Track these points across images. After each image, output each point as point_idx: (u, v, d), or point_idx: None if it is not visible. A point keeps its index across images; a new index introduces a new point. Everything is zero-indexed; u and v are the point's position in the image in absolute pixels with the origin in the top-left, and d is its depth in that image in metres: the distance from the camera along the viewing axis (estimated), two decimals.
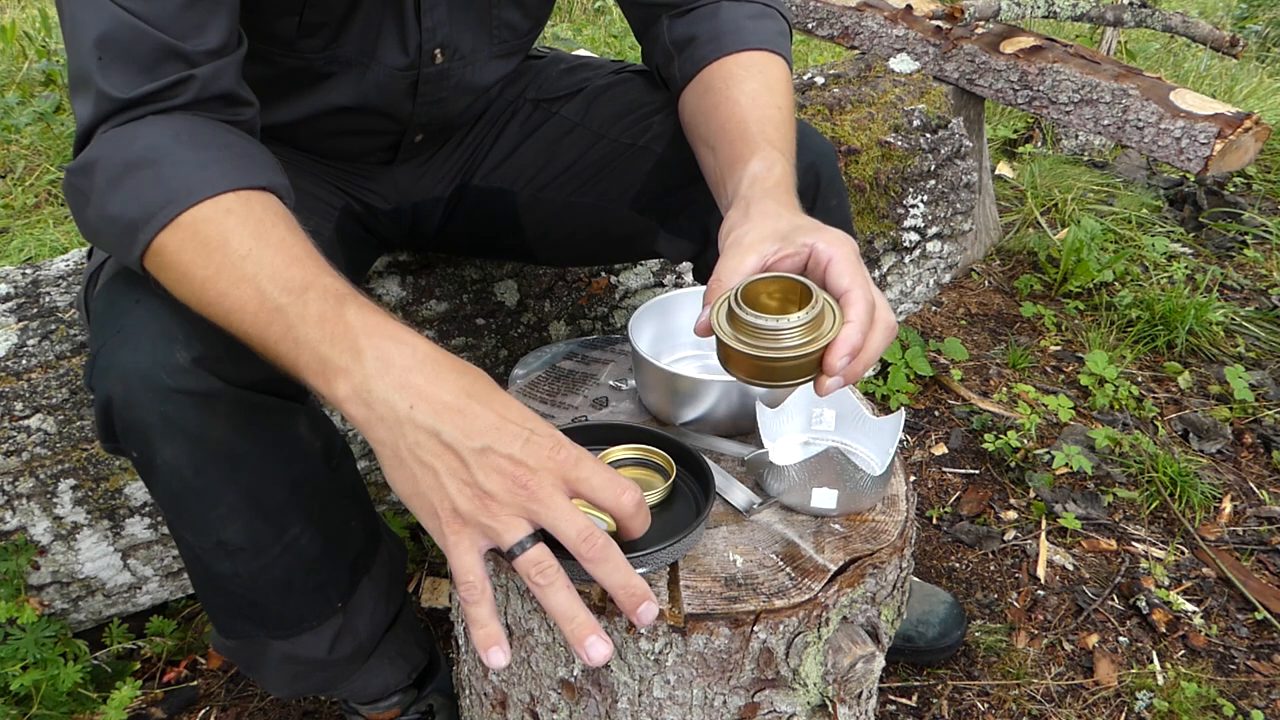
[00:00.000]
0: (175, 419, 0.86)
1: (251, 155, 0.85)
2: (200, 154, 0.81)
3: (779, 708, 0.85)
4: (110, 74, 0.82)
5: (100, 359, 0.87)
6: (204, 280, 0.78)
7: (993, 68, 2.17)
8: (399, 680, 1.19)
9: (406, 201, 1.27)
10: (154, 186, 0.79)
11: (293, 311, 0.74)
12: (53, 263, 1.42)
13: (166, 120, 0.83)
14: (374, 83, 1.08)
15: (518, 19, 1.14)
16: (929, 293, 1.99)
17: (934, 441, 1.95)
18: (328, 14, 1.01)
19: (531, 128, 1.27)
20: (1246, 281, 2.58)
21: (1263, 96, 3.72)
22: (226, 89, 0.86)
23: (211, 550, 0.94)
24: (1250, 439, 2.00)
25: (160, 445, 0.87)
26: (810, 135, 1.15)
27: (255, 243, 0.77)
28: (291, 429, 0.95)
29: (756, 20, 1.09)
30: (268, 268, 0.76)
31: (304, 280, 0.76)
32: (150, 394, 0.85)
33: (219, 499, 0.91)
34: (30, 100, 3.11)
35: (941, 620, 1.46)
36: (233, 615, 1.02)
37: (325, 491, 1.00)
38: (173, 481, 0.90)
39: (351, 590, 1.06)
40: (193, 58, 0.83)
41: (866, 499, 0.91)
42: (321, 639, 1.05)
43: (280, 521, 0.95)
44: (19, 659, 1.23)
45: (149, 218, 0.79)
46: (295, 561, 0.98)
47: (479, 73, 1.15)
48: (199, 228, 0.78)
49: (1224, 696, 1.44)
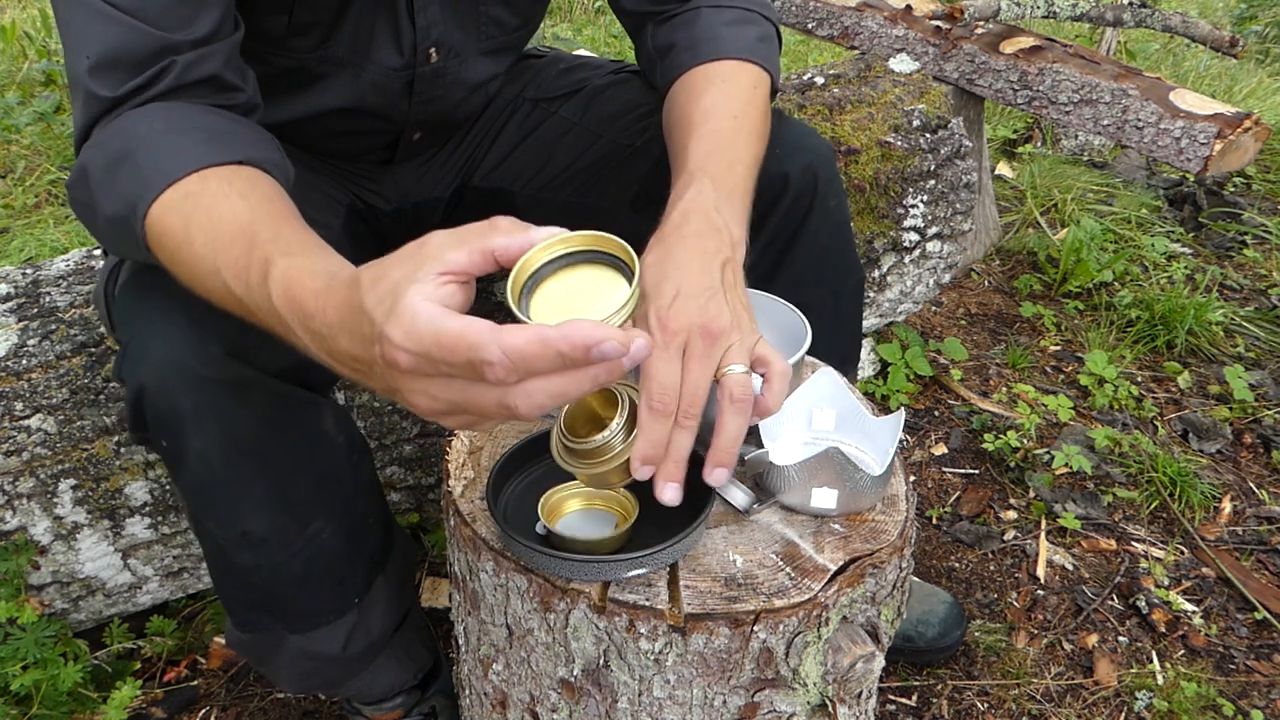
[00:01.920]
0: (208, 408, 0.87)
1: (231, 133, 0.84)
2: (174, 138, 0.81)
3: (779, 708, 0.85)
4: (99, 74, 0.82)
5: (132, 349, 0.87)
6: (189, 275, 0.78)
7: (992, 68, 2.17)
8: (405, 680, 1.20)
9: (407, 202, 1.28)
10: (132, 179, 0.79)
11: (248, 300, 0.73)
12: (53, 263, 1.42)
13: (144, 111, 0.82)
14: (369, 83, 1.08)
15: (506, 16, 1.14)
16: (929, 293, 1.99)
17: (934, 441, 1.95)
18: (318, 13, 1.00)
19: (530, 127, 1.27)
20: (1246, 281, 2.58)
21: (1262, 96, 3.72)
22: (211, 73, 0.85)
23: (235, 541, 0.96)
24: (1250, 439, 2.00)
25: (192, 434, 0.88)
26: (808, 136, 1.15)
27: (210, 227, 0.76)
28: (318, 423, 0.97)
29: (734, 27, 1.08)
30: (222, 254, 0.75)
31: (245, 260, 0.73)
32: (184, 383, 0.86)
33: (247, 490, 0.92)
34: (30, 100, 3.11)
35: (941, 620, 1.46)
36: (250, 608, 1.04)
37: (347, 487, 1.02)
38: (202, 471, 0.90)
39: (367, 587, 1.07)
40: (179, 48, 0.83)
41: (866, 499, 0.91)
42: (337, 634, 1.06)
43: (304, 515, 0.97)
44: (19, 659, 1.23)
45: (133, 211, 0.79)
46: (316, 555, 1.00)
47: (469, 69, 1.15)
48: (165, 220, 0.78)
49: (1224, 696, 1.44)
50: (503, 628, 0.88)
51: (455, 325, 0.58)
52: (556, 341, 0.57)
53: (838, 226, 1.18)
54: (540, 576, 0.82)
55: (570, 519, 0.88)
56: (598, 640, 0.82)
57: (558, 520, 0.87)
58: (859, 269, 1.26)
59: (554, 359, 0.57)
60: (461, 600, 0.94)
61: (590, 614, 0.81)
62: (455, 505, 0.90)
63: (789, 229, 1.14)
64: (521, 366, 0.57)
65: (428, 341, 0.58)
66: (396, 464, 1.47)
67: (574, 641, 0.83)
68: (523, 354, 0.57)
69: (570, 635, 0.82)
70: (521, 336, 0.57)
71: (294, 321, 0.69)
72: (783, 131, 1.11)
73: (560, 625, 0.82)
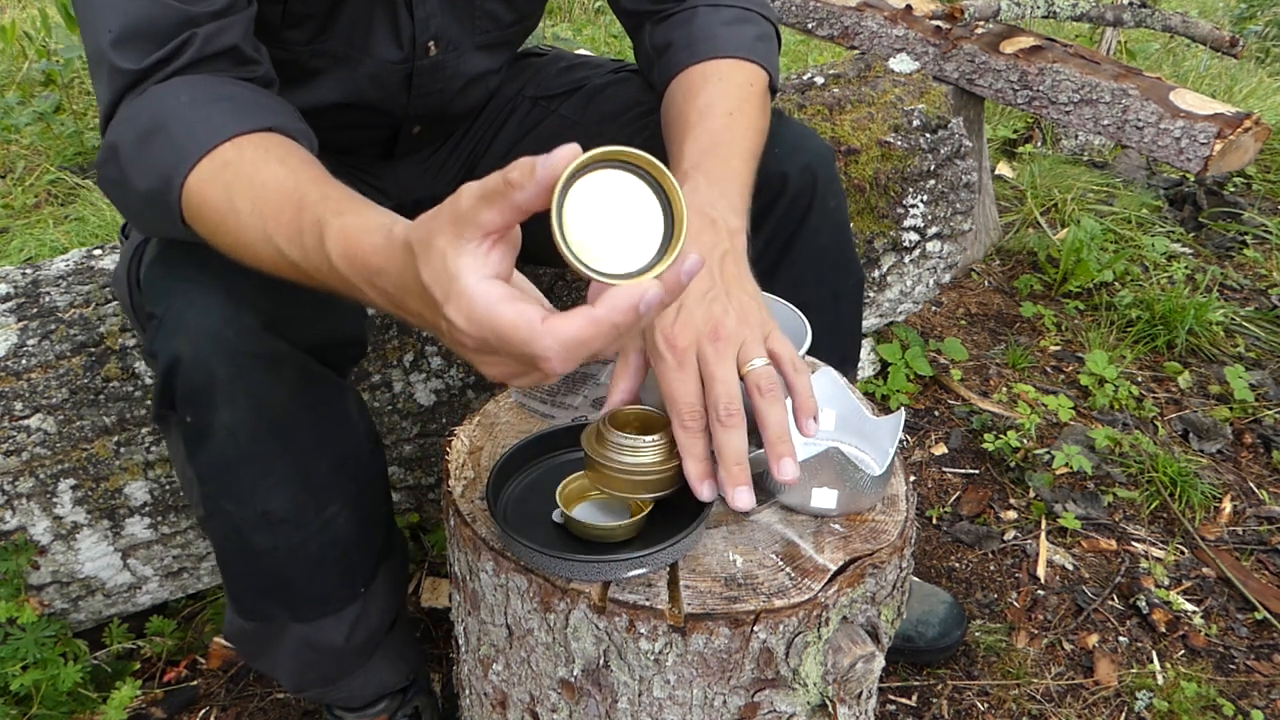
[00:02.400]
0: (241, 380, 0.88)
1: (257, 102, 0.85)
2: (204, 109, 0.81)
3: (779, 708, 0.85)
4: (122, 48, 0.83)
5: (168, 321, 0.88)
6: (235, 244, 0.79)
7: (993, 68, 2.17)
8: (396, 681, 1.20)
9: (408, 199, 1.28)
10: (166, 150, 0.80)
11: (305, 264, 0.74)
12: (53, 263, 1.42)
13: (169, 85, 0.83)
14: (367, 76, 1.08)
15: (501, 11, 1.14)
16: (929, 293, 1.98)
17: (934, 441, 1.95)
18: (313, 4, 1.00)
19: (529, 125, 1.27)
20: (1246, 281, 2.58)
21: (1263, 96, 3.72)
22: (230, 44, 0.86)
23: (253, 521, 0.96)
24: (1250, 439, 2.00)
25: (222, 407, 0.89)
26: (807, 137, 1.15)
27: (254, 194, 0.77)
28: (342, 404, 0.98)
29: (731, 26, 1.08)
30: (271, 220, 0.75)
31: (297, 224, 0.74)
32: (220, 354, 0.87)
33: (271, 467, 0.93)
34: (30, 100, 3.11)
35: (941, 620, 1.46)
36: (258, 594, 1.04)
37: (365, 473, 1.03)
38: (228, 446, 0.91)
39: (373, 577, 1.08)
40: (199, 20, 0.84)
41: (866, 499, 0.91)
42: (341, 624, 1.07)
43: (323, 497, 0.98)
44: (19, 659, 1.23)
45: (168, 184, 0.80)
46: (330, 540, 1.00)
47: (465, 63, 1.15)
48: (205, 191, 0.79)
49: (1224, 696, 1.44)
50: (503, 628, 0.88)
51: (509, 316, 0.61)
52: (606, 320, 0.60)
53: (837, 227, 1.18)
54: (540, 576, 0.82)
55: (586, 507, 0.88)
56: (598, 640, 0.82)
57: (574, 508, 0.88)
58: (859, 269, 1.26)
59: (609, 333, 0.61)
60: (461, 600, 0.94)
61: (590, 614, 0.80)
62: (455, 505, 0.90)
63: (788, 229, 1.14)
64: (577, 352, 0.61)
65: (486, 329, 0.62)
66: (396, 464, 1.47)
67: (574, 641, 0.83)
68: (577, 340, 0.60)
69: (570, 635, 0.82)
70: (573, 325, 0.60)
71: (359, 279, 0.70)
72: (782, 131, 1.11)
73: (560, 625, 0.82)
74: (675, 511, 0.86)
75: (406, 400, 1.43)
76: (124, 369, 1.28)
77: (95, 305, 1.33)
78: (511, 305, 0.61)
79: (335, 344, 0.95)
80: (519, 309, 0.61)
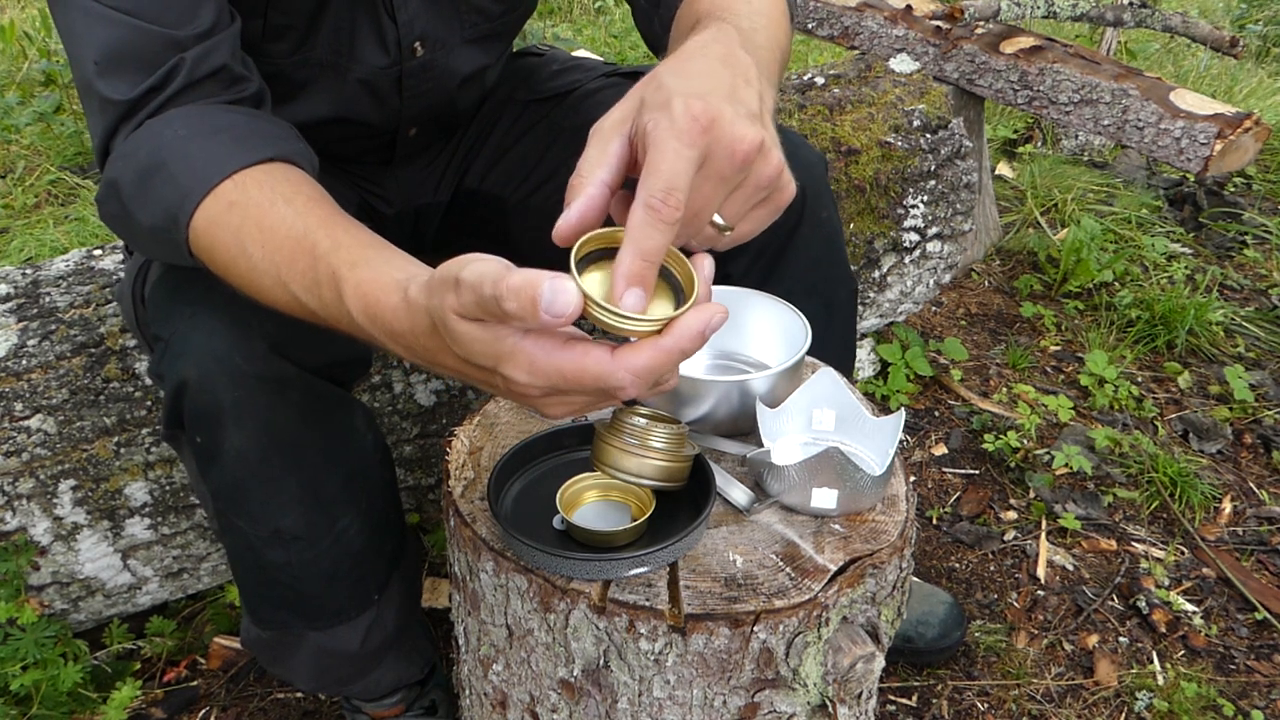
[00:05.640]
0: (248, 404, 0.88)
1: (254, 130, 0.84)
2: (202, 143, 0.81)
3: (779, 708, 0.85)
4: (109, 77, 0.82)
5: (174, 344, 0.88)
6: (247, 285, 0.79)
7: (993, 68, 2.17)
8: (412, 674, 1.21)
9: (409, 206, 1.27)
10: (168, 188, 0.80)
11: (324, 314, 0.74)
12: (53, 263, 1.42)
13: (165, 118, 0.82)
14: (356, 83, 1.07)
15: (488, 3, 1.12)
16: (929, 293, 1.99)
17: (934, 441, 1.95)
18: (293, 16, 0.99)
19: (521, 130, 1.26)
20: (1246, 281, 2.58)
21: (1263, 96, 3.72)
22: (219, 64, 0.85)
23: (267, 539, 0.97)
24: (1250, 439, 2.00)
25: (231, 430, 0.89)
26: (798, 146, 1.13)
27: (263, 240, 0.76)
28: (350, 420, 0.98)
29: None
30: (285, 268, 0.75)
31: (312, 275, 0.74)
32: (226, 378, 0.87)
33: (281, 486, 0.94)
34: (30, 100, 3.11)
35: (941, 620, 1.46)
36: (274, 605, 1.05)
37: (374, 484, 1.04)
38: (238, 468, 0.91)
39: (386, 583, 1.08)
40: (184, 43, 0.83)
41: (866, 499, 0.91)
42: (356, 631, 1.08)
43: (333, 512, 0.98)
44: (19, 659, 1.23)
45: (174, 222, 0.79)
46: (343, 552, 1.01)
47: (456, 60, 1.14)
48: (214, 233, 0.78)
49: (1224, 696, 1.44)
50: (503, 628, 0.88)
51: (574, 359, 0.62)
52: (675, 348, 0.62)
53: (829, 237, 1.17)
54: (540, 576, 0.82)
55: (587, 510, 0.88)
56: (598, 640, 0.82)
57: (574, 512, 0.88)
58: (851, 280, 1.24)
59: (677, 360, 0.63)
60: (461, 600, 0.94)
61: (590, 614, 0.80)
62: (455, 505, 0.90)
63: (778, 240, 1.12)
64: (650, 379, 0.63)
65: (554, 378, 0.62)
66: (397, 465, 1.47)
67: (574, 642, 0.83)
68: (650, 369, 0.62)
69: (570, 635, 0.82)
70: (644, 355, 0.62)
71: (383, 337, 0.70)
72: None
73: (560, 625, 0.82)
74: (675, 512, 0.86)
75: (406, 401, 1.43)
76: (124, 369, 1.28)
77: (95, 306, 1.33)
78: (571, 350, 0.62)
79: (341, 363, 0.95)
80: (582, 350, 0.62)
